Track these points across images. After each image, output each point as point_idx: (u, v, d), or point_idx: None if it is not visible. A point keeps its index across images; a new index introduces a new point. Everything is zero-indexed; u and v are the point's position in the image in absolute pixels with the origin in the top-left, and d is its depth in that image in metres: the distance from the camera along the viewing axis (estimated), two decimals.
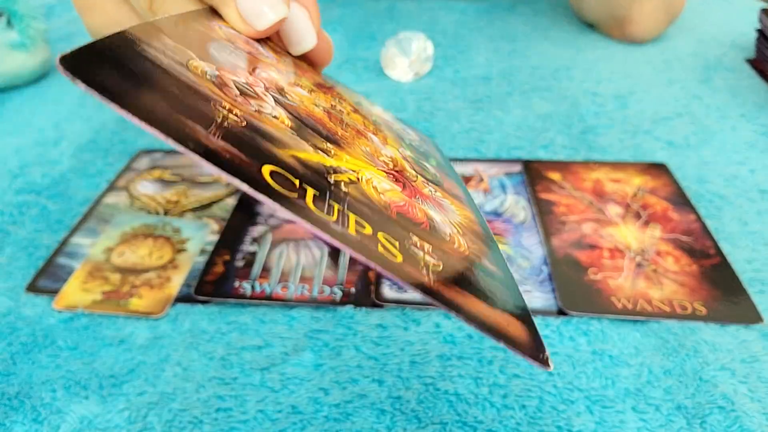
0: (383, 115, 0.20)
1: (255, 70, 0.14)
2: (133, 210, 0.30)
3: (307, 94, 0.16)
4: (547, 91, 0.40)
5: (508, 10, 0.54)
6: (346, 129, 0.15)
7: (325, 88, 0.17)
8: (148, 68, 0.10)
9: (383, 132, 0.17)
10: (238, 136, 0.10)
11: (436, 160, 0.18)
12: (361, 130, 0.16)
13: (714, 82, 0.41)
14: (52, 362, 0.22)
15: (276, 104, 0.13)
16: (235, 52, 0.14)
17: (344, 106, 0.17)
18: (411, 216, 0.12)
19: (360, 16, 0.53)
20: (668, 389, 0.20)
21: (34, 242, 0.28)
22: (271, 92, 0.13)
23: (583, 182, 0.30)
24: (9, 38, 0.40)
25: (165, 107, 0.10)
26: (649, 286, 0.24)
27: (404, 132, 0.18)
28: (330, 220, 0.10)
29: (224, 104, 0.11)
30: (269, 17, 0.17)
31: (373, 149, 0.15)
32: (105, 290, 0.24)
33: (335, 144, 0.13)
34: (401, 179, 0.14)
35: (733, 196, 0.30)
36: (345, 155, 0.13)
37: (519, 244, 0.27)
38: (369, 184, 0.12)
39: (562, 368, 0.21)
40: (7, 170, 0.34)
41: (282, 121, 0.13)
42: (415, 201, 0.13)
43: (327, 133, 0.14)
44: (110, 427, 0.19)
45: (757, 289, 0.24)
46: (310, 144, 0.12)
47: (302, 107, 0.14)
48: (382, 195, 0.12)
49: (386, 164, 0.14)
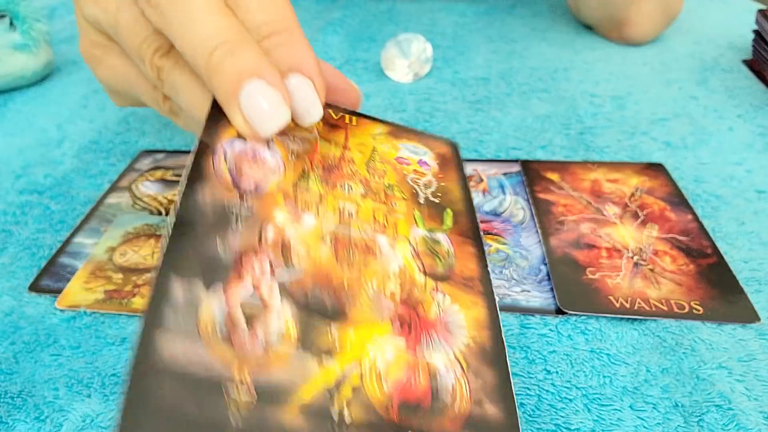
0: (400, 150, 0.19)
1: (261, 241, 0.14)
2: (135, 210, 0.30)
3: (313, 219, 0.16)
4: (545, 92, 0.40)
5: (507, 11, 0.54)
6: (352, 261, 0.15)
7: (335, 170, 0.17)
8: None
9: (395, 211, 0.17)
10: (251, 424, 0.11)
11: (453, 208, 0.18)
12: (370, 242, 0.16)
13: (711, 83, 0.41)
14: (55, 361, 0.22)
15: (281, 298, 0.14)
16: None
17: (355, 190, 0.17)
18: (413, 398, 0.13)
19: (360, 18, 0.53)
20: (665, 387, 0.20)
21: (36, 242, 0.28)
22: (278, 274, 0.14)
23: (581, 182, 0.31)
24: (11, 40, 0.41)
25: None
26: (646, 285, 0.24)
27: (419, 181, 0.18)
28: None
29: (234, 376, 0.12)
30: (272, 125, 0.16)
31: (380, 276, 0.15)
32: (107, 289, 0.25)
33: (340, 319, 0.14)
34: (406, 318, 0.15)
35: (730, 196, 0.30)
36: (349, 338, 0.14)
37: (517, 244, 0.27)
38: (372, 379, 0.13)
39: (560, 367, 0.21)
40: (9, 170, 0.34)
41: (288, 334, 0.13)
42: (418, 356, 0.14)
43: (332, 302, 0.14)
44: (112, 425, 0.20)
45: (754, 288, 0.24)
46: (314, 356, 0.13)
47: (308, 269, 0.14)
48: (384, 384, 0.13)
49: (393, 301, 0.15)
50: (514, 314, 0.23)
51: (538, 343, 0.22)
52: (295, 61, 0.17)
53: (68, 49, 0.50)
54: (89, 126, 0.38)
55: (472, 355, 0.15)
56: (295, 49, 0.17)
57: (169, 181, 0.32)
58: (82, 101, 0.41)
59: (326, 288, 0.14)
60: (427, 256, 0.17)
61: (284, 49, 0.17)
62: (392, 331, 0.14)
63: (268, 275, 0.14)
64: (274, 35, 0.17)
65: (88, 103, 0.41)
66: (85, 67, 0.47)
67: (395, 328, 0.14)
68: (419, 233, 0.17)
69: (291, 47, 0.17)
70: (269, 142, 0.17)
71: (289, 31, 0.17)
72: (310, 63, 0.17)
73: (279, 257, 0.14)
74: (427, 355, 0.14)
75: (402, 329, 0.14)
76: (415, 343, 0.14)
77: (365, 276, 0.15)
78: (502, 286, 0.25)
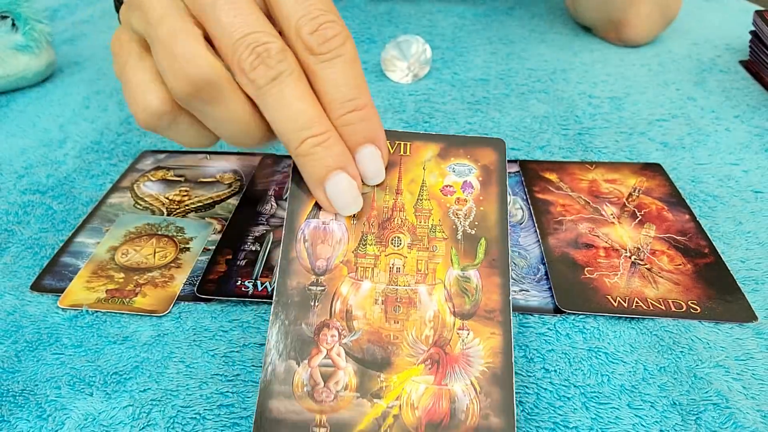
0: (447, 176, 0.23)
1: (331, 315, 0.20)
2: (136, 210, 0.30)
3: (369, 283, 0.20)
4: (543, 93, 0.41)
5: (506, 13, 0.54)
6: (398, 317, 0.20)
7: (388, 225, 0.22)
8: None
9: (435, 256, 0.21)
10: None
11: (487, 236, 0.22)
12: (412, 294, 0.20)
13: (708, 83, 0.41)
14: (57, 360, 0.22)
15: (347, 359, 0.19)
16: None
17: (403, 242, 0.21)
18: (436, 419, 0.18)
19: (360, 20, 0.53)
20: (663, 386, 0.21)
21: (38, 242, 0.28)
22: (344, 340, 0.19)
23: (580, 182, 0.31)
24: (14, 41, 0.41)
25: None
26: (644, 284, 0.24)
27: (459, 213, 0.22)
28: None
29: (316, 419, 0.18)
30: (351, 209, 0.21)
31: (418, 325, 0.20)
32: (109, 289, 0.25)
33: (386, 369, 0.19)
34: (436, 358, 0.19)
35: (727, 197, 0.30)
36: (393, 382, 0.19)
37: (516, 244, 0.27)
38: (407, 409, 0.18)
39: (559, 365, 0.21)
40: (12, 171, 0.34)
41: (350, 385, 0.19)
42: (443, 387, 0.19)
43: (382, 354, 0.19)
44: (114, 423, 0.20)
45: (750, 287, 0.24)
46: (368, 399, 0.18)
47: (365, 328, 0.20)
48: (416, 411, 0.18)
49: (426, 344, 0.19)
50: (513, 314, 0.24)
51: (537, 342, 0.22)
52: (371, 135, 0.20)
53: (70, 49, 0.50)
54: (91, 126, 0.38)
55: (485, 379, 0.19)
56: (372, 123, 0.20)
57: (170, 181, 0.32)
58: (84, 102, 0.41)
59: (377, 343, 0.19)
60: (457, 296, 0.20)
61: (364, 125, 0.20)
62: (424, 371, 0.19)
63: (337, 343, 0.19)
64: (356, 111, 0.20)
65: (90, 104, 0.41)
66: (87, 67, 0.47)
67: (426, 367, 0.19)
68: (453, 274, 0.21)
69: (369, 122, 0.20)
70: (337, 215, 0.22)
71: (368, 107, 0.20)
72: (382, 136, 0.21)
73: (344, 324, 0.20)
74: (450, 384, 0.19)
75: (431, 368, 0.19)
76: (442, 378, 0.19)
77: (407, 328, 0.20)
78: None
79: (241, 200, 0.30)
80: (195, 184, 0.32)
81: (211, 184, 0.32)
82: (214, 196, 0.31)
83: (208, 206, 0.30)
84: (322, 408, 0.18)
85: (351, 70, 0.19)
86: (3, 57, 0.41)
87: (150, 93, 0.20)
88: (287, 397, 0.18)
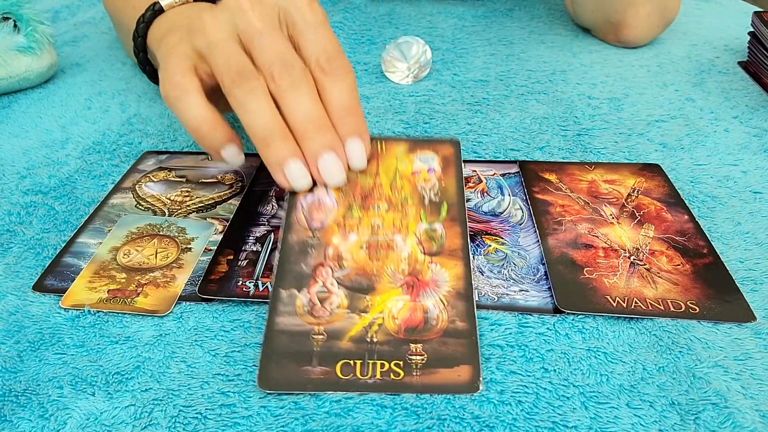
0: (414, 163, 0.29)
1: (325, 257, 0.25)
2: (138, 210, 0.30)
3: (355, 236, 0.25)
4: (543, 94, 0.41)
5: (506, 15, 0.55)
6: (379, 257, 0.25)
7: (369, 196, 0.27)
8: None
9: (408, 215, 0.26)
10: (323, 353, 0.22)
11: (448, 202, 0.27)
12: (390, 242, 0.25)
13: (707, 84, 0.41)
14: (59, 359, 0.22)
15: (338, 287, 0.24)
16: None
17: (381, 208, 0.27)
18: (413, 325, 0.22)
19: (360, 21, 0.53)
20: (662, 386, 0.21)
21: (41, 242, 0.28)
22: (335, 275, 0.24)
23: (579, 183, 0.31)
24: (16, 42, 0.41)
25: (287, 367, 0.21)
26: (643, 285, 0.24)
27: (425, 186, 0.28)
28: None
29: (315, 329, 0.22)
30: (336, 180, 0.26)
31: (395, 262, 0.24)
32: (111, 289, 0.25)
33: (371, 292, 0.24)
34: (411, 283, 0.24)
35: (725, 197, 0.30)
36: (376, 301, 0.23)
37: (516, 244, 0.27)
38: (389, 319, 0.23)
39: (558, 365, 0.21)
40: (14, 171, 0.34)
41: (342, 304, 0.23)
42: (418, 303, 0.23)
43: (367, 283, 0.24)
44: (116, 423, 0.20)
45: (749, 288, 0.25)
46: (357, 313, 0.23)
47: (353, 266, 0.24)
48: (396, 320, 0.23)
49: (402, 275, 0.24)
50: (512, 313, 0.24)
51: (536, 342, 0.22)
52: (359, 131, 0.27)
53: (72, 51, 0.50)
54: (93, 127, 0.38)
55: (451, 296, 0.23)
56: (360, 125, 0.27)
57: (171, 181, 0.32)
58: (86, 103, 0.42)
59: (363, 276, 0.24)
60: (426, 241, 0.26)
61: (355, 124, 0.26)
62: (402, 293, 0.24)
63: (330, 276, 0.24)
64: (348, 116, 0.26)
65: (92, 105, 0.41)
66: (89, 68, 0.47)
67: (403, 290, 0.24)
68: (422, 227, 0.26)
69: (358, 124, 0.27)
70: (328, 191, 0.27)
71: (359, 115, 0.27)
72: (367, 134, 0.27)
73: (336, 264, 0.24)
74: (423, 300, 0.23)
75: (408, 290, 0.24)
76: (416, 297, 0.23)
77: (386, 263, 0.25)
78: (501, 286, 0.25)
79: (242, 201, 0.30)
80: (196, 185, 0.32)
81: (213, 185, 0.32)
82: (215, 197, 0.31)
83: (210, 207, 0.30)
84: (320, 321, 0.23)
85: (351, 91, 0.26)
86: (5, 58, 0.41)
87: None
88: (290, 315, 0.23)
